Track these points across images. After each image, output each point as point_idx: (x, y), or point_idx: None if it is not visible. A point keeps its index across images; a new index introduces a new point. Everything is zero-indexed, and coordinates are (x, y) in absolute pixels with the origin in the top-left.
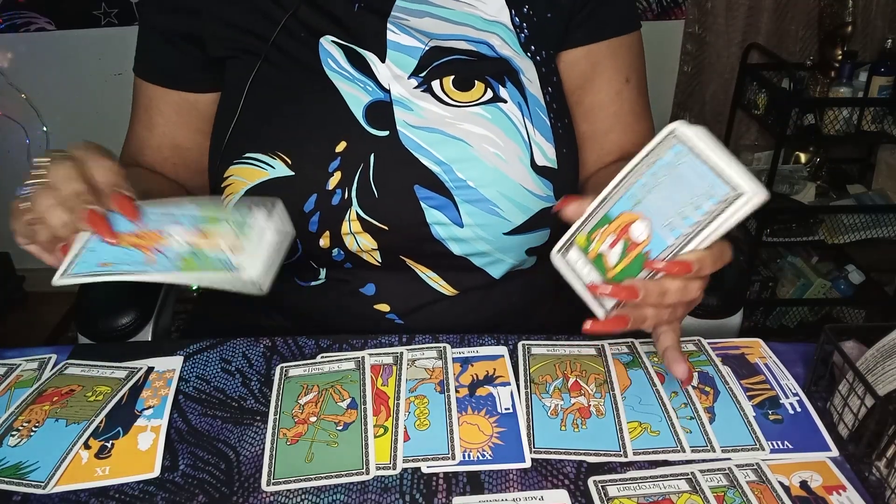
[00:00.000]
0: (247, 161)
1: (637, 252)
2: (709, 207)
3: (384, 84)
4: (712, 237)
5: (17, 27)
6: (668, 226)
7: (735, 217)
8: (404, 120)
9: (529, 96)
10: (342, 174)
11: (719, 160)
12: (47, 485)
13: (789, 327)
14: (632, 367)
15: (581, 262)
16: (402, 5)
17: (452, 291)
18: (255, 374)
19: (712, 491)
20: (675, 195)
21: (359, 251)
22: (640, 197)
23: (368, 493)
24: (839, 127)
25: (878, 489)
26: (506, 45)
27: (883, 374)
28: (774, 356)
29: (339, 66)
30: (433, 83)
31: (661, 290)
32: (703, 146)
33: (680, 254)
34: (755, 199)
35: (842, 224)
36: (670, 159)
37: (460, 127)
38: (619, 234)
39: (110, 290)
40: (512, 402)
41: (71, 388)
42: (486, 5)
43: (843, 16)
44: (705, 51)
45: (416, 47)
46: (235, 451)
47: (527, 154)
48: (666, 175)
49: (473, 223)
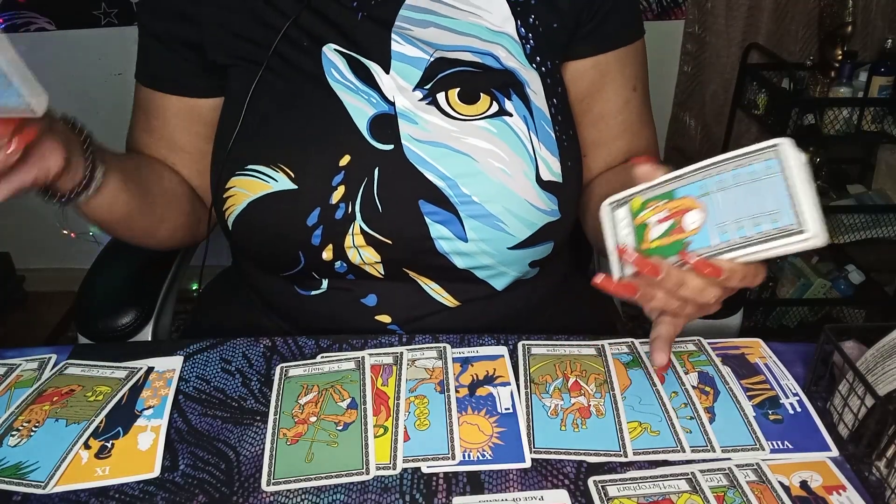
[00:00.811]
0: (249, 173)
1: (680, 238)
2: (767, 229)
3: (388, 96)
4: (755, 257)
5: (17, 27)
6: (720, 227)
7: (787, 249)
8: (409, 134)
9: (535, 109)
10: (346, 188)
11: (802, 192)
12: (47, 485)
13: (789, 327)
14: (632, 367)
15: (625, 222)
16: (406, 14)
17: (455, 303)
18: (255, 374)
19: (712, 491)
20: (743, 203)
21: (362, 264)
22: (710, 189)
23: (368, 493)
24: (839, 127)
25: (878, 489)
26: (511, 56)
27: (883, 374)
28: (774, 356)
29: (343, 76)
30: (438, 96)
31: (680, 280)
32: (796, 172)
33: (717, 258)
34: (813, 240)
35: (842, 224)
36: (758, 168)
37: (466, 141)
38: (672, 214)
39: (110, 290)
40: (512, 402)
41: (71, 388)
42: (491, 15)
43: (843, 16)
44: (705, 51)
45: (421, 58)
46: (235, 451)
47: (532, 169)
48: (746, 181)
49: (478, 238)
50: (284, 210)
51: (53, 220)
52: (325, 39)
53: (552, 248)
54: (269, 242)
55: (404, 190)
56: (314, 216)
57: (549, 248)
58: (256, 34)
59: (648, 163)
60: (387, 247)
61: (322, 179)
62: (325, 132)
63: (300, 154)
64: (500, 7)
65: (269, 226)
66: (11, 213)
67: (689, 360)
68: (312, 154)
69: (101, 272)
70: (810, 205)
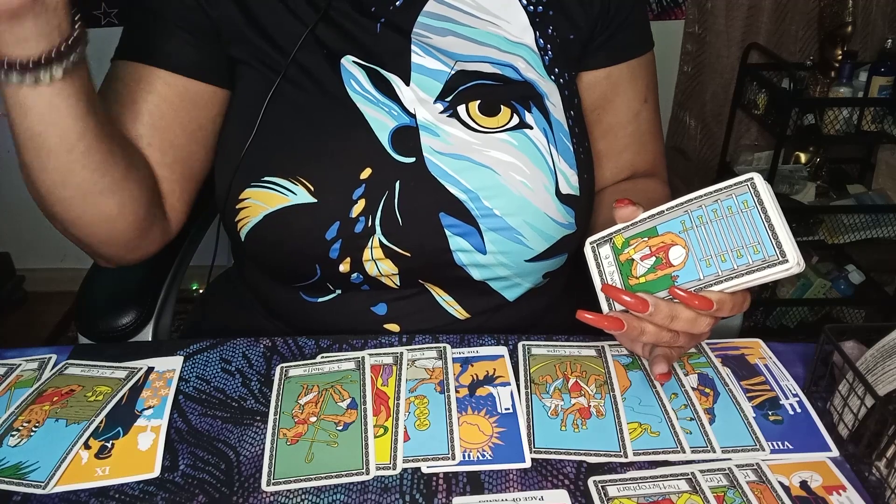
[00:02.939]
0: (266, 185)
1: (667, 272)
2: (750, 260)
3: (409, 108)
4: (741, 286)
5: None
6: (704, 261)
7: (770, 278)
8: (431, 146)
9: (554, 122)
10: (366, 202)
11: (777, 224)
12: (47, 485)
13: (789, 327)
14: (631, 368)
15: (609, 259)
16: (424, 21)
17: (465, 315)
18: (255, 374)
19: (712, 491)
20: (724, 237)
21: (378, 276)
22: (690, 225)
23: (368, 494)
24: (839, 127)
25: (878, 489)
26: (531, 68)
27: (883, 374)
28: (774, 356)
29: (363, 88)
30: (459, 108)
31: (671, 314)
32: (770, 205)
33: (704, 290)
34: (794, 269)
35: (842, 224)
36: (734, 203)
37: (487, 154)
38: (655, 250)
39: (110, 290)
40: (512, 403)
41: (71, 388)
42: (510, 25)
43: (843, 16)
44: (705, 51)
45: (442, 71)
46: (235, 451)
47: (552, 182)
48: (724, 216)
49: (496, 250)
50: (303, 224)
51: None
52: (343, 50)
53: (565, 259)
54: (285, 256)
55: (425, 203)
56: (333, 230)
57: (562, 260)
58: (277, 37)
59: (629, 205)
60: (405, 259)
61: (342, 193)
62: (346, 145)
63: (320, 167)
64: (518, 17)
65: (285, 239)
66: (11, 213)
67: (689, 362)
68: (333, 167)
69: (101, 272)
70: (786, 236)
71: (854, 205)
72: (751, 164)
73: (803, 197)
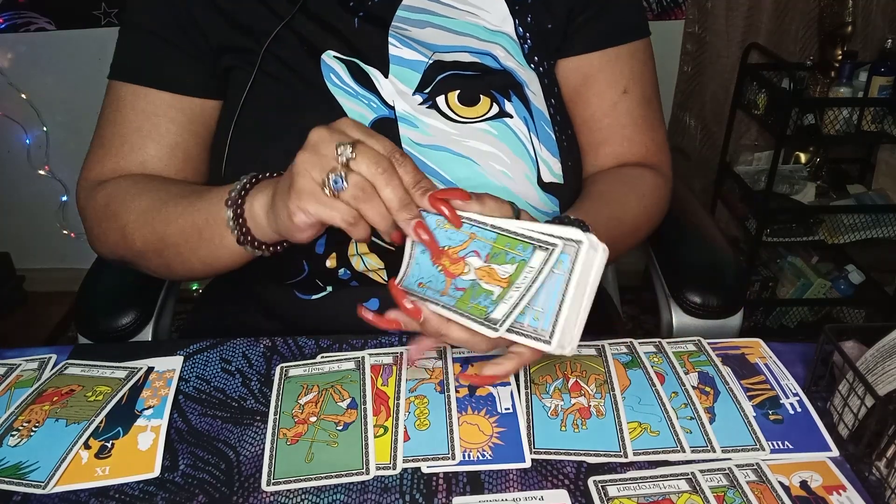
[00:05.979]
0: None
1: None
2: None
3: (388, 100)
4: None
5: (17, 27)
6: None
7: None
8: (410, 138)
9: (534, 110)
10: None
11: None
12: (47, 485)
13: (789, 327)
14: (631, 367)
15: None
16: (402, 15)
17: None
18: (255, 374)
19: (712, 491)
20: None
21: (365, 271)
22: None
23: (368, 493)
24: (839, 127)
25: (878, 489)
26: (510, 56)
27: (883, 374)
28: (774, 356)
29: (343, 81)
30: (438, 99)
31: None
32: (577, 278)
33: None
34: (558, 351)
35: (842, 224)
36: (553, 259)
37: (467, 144)
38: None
39: (110, 290)
40: (512, 403)
41: (71, 388)
42: (489, 14)
43: (843, 16)
44: (705, 51)
45: (419, 61)
46: (235, 451)
47: (533, 171)
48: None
49: None
50: None
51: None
52: (323, 45)
53: None
54: None
55: None
56: None
57: None
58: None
59: None
60: (390, 253)
61: None
62: None
63: None
64: (498, 6)
65: None
66: (11, 213)
67: (689, 361)
68: None
69: (101, 272)
70: (565, 319)
71: (854, 205)
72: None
73: (803, 197)
